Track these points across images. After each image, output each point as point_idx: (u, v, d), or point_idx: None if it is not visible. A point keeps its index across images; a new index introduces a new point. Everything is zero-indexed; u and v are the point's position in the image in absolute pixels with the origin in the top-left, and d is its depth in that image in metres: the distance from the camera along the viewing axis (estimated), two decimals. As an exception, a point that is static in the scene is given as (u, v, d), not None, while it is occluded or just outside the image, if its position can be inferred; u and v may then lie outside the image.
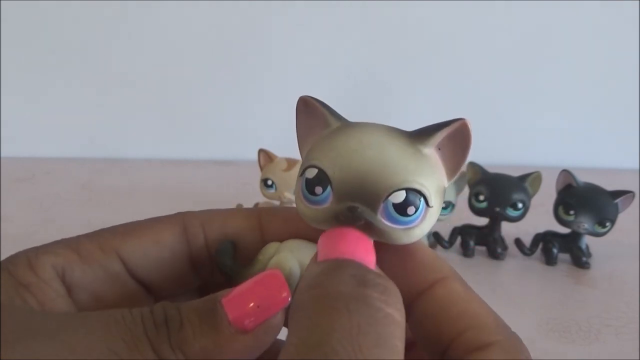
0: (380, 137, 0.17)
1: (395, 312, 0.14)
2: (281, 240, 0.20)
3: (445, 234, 0.53)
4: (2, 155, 0.74)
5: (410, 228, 0.17)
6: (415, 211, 0.16)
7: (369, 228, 0.17)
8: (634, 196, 0.48)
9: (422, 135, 0.17)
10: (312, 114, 0.18)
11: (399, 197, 0.16)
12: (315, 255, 0.16)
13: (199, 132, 0.77)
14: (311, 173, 0.17)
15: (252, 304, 0.17)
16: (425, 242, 0.52)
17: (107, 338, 0.15)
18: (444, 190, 0.18)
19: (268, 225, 0.20)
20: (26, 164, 0.74)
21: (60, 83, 0.75)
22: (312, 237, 0.19)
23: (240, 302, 0.16)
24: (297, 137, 0.19)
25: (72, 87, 0.75)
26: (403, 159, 0.17)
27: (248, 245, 0.20)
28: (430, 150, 0.17)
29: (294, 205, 0.19)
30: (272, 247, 0.20)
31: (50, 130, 0.78)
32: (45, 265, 0.18)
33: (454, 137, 0.17)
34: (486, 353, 0.15)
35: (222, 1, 0.71)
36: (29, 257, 0.18)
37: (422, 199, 0.16)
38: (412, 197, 0.16)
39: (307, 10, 0.72)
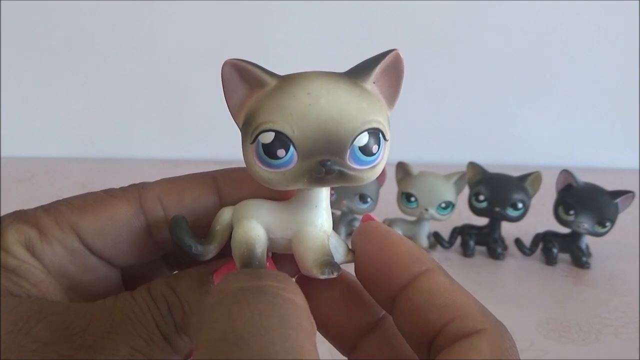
0: (327, 84, 0.17)
1: (294, 297, 0.15)
2: (238, 202, 0.19)
3: (445, 234, 0.53)
4: (2, 155, 0.74)
5: (375, 165, 0.17)
6: (379, 148, 0.17)
7: (341, 177, 0.17)
8: (634, 196, 0.48)
9: (360, 72, 0.17)
10: (243, 77, 0.17)
11: (363, 139, 0.17)
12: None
13: (199, 132, 0.77)
14: (268, 137, 0.16)
15: None
16: (426, 242, 0.52)
17: (126, 337, 0.16)
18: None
19: (225, 188, 0.20)
20: (26, 164, 0.74)
21: (60, 83, 0.75)
22: (269, 194, 0.19)
23: None
24: (229, 105, 0.18)
25: (72, 88, 0.75)
26: (355, 101, 0.17)
27: (208, 211, 0.20)
28: (371, 86, 0.18)
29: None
30: (225, 212, 0.19)
31: (50, 130, 0.78)
32: (15, 244, 0.18)
33: (388, 68, 0.18)
34: (473, 340, 0.16)
35: (221, 1, 0.71)
36: None
37: (380, 134, 0.17)
38: (373, 136, 0.17)
39: (305, 10, 0.72)
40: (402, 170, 0.51)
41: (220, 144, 0.76)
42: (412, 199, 0.50)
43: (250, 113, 0.17)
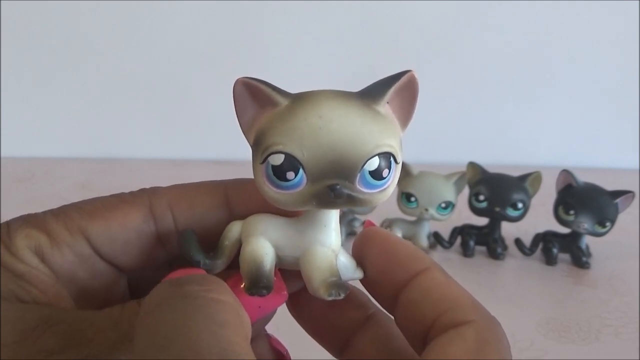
0: (339, 107, 0.16)
1: (219, 296, 0.15)
2: (248, 214, 0.19)
3: (445, 234, 0.53)
4: (2, 155, 0.74)
5: (385, 188, 0.17)
6: (389, 172, 0.17)
7: (350, 201, 0.17)
8: (634, 196, 0.48)
9: (373, 94, 0.17)
10: (255, 96, 0.17)
11: (374, 164, 0.17)
12: None
13: (199, 132, 0.77)
14: (278, 159, 0.16)
15: (255, 304, 0.17)
16: (426, 242, 0.52)
17: (132, 347, 0.16)
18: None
19: (235, 200, 0.20)
20: (26, 164, 0.74)
21: (60, 83, 0.75)
22: (279, 209, 0.19)
23: (245, 302, 0.17)
24: (240, 122, 0.18)
25: (72, 87, 0.75)
26: (367, 125, 0.17)
27: (217, 221, 0.20)
28: (384, 108, 0.17)
29: None
30: (234, 227, 0.19)
31: (50, 130, 0.78)
32: (24, 249, 0.18)
33: (402, 89, 0.18)
34: (459, 329, 0.16)
35: (221, 1, 0.71)
36: (4, 241, 0.18)
37: (391, 158, 0.17)
38: (384, 160, 0.17)
39: (305, 10, 0.72)
40: (402, 170, 0.50)
41: (220, 144, 0.76)
42: (412, 199, 0.50)
43: (260, 132, 0.17)
